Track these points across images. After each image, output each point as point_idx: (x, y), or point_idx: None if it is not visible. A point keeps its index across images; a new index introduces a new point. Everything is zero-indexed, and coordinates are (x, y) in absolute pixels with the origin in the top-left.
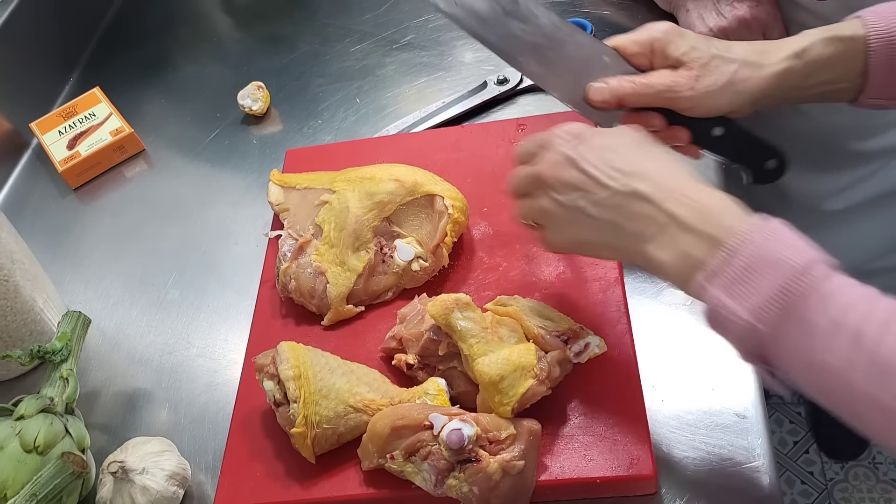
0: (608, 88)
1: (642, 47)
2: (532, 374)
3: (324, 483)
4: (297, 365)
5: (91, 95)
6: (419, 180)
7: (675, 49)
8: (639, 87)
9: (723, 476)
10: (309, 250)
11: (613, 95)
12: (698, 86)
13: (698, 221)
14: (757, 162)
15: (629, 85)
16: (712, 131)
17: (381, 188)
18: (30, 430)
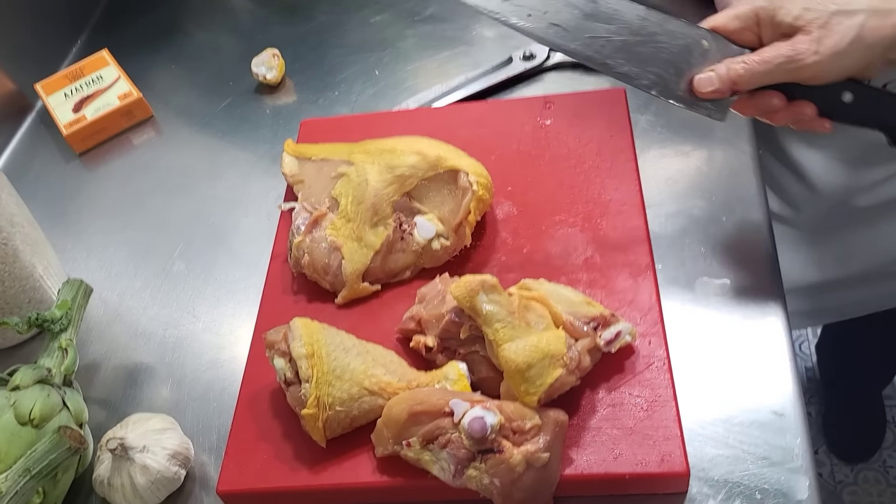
0: (717, 76)
1: (745, 21)
2: (561, 363)
3: (334, 469)
4: (310, 343)
5: (99, 58)
6: (443, 154)
7: (786, 14)
8: (753, 67)
9: (758, 476)
10: (324, 224)
11: (724, 82)
12: (823, 48)
13: None
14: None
15: (740, 66)
16: (841, 98)
17: (402, 161)
18: (25, 402)
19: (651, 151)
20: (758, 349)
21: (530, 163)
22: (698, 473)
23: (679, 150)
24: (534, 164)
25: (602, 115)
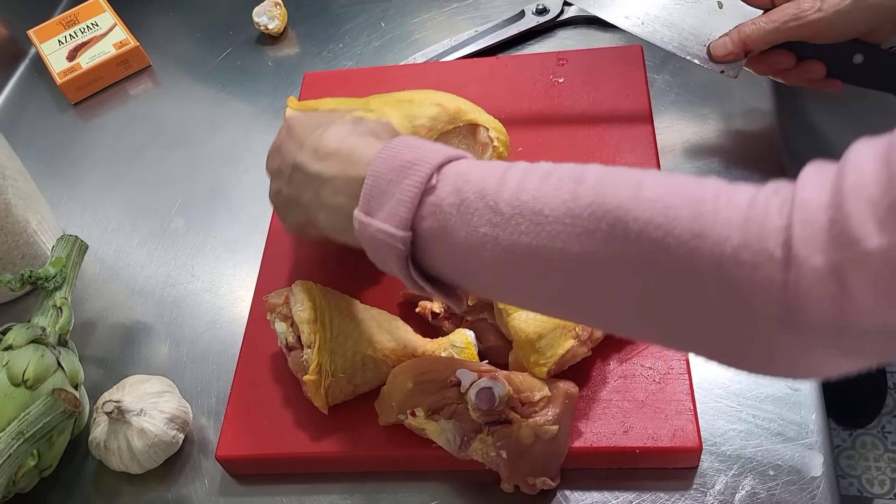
0: (730, 41)
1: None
2: (573, 333)
3: (336, 436)
4: (312, 307)
5: (94, 3)
6: (463, 108)
7: None
8: (761, 27)
9: (772, 452)
10: None
11: (737, 45)
12: (825, 6)
13: (339, 170)
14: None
15: (750, 28)
16: (853, 59)
17: (422, 112)
18: (18, 362)
19: (668, 113)
20: None
21: (542, 122)
22: (710, 448)
23: (697, 113)
24: (546, 123)
25: (617, 74)
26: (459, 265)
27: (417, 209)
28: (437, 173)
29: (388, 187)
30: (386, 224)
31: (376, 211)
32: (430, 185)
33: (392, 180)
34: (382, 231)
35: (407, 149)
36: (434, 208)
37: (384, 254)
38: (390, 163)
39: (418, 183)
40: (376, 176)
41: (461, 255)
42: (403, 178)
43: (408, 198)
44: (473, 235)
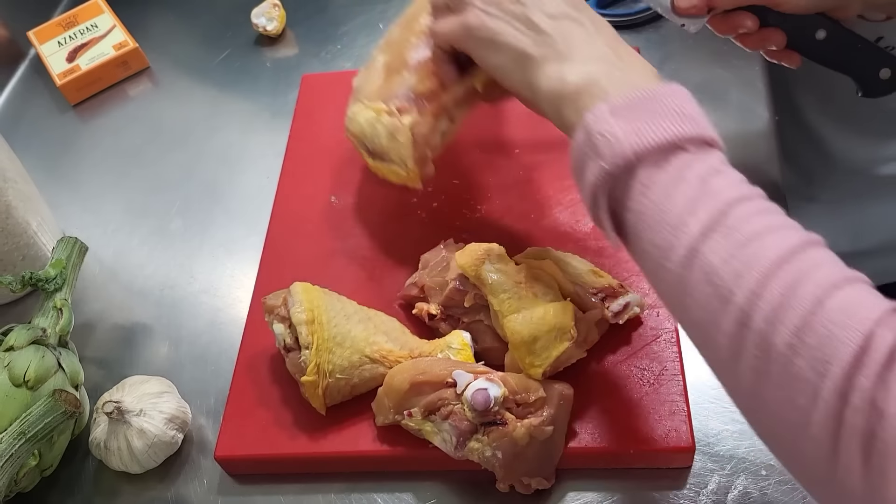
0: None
1: None
2: (568, 336)
3: (334, 436)
4: (310, 308)
5: (93, 5)
6: None
7: None
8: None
9: (764, 452)
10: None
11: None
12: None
13: (631, 58)
14: (868, 71)
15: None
16: (815, 35)
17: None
18: (19, 363)
19: None
20: None
21: (539, 124)
22: (703, 448)
23: None
24: (543, 125)
25: None
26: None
27: (658, 152)
28: (697, 145)
29: (653, 114)
30: (624, 134)
31: (624, 119)
32: (683, 148)
33: (660, 112)
34: (614, 136)
35: (689, 103)
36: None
37: (592, 157)
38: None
39: (683, 134)
40: (651, 96)
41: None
42: (676, 121)
43: (664, 134)
44: (678, 217)
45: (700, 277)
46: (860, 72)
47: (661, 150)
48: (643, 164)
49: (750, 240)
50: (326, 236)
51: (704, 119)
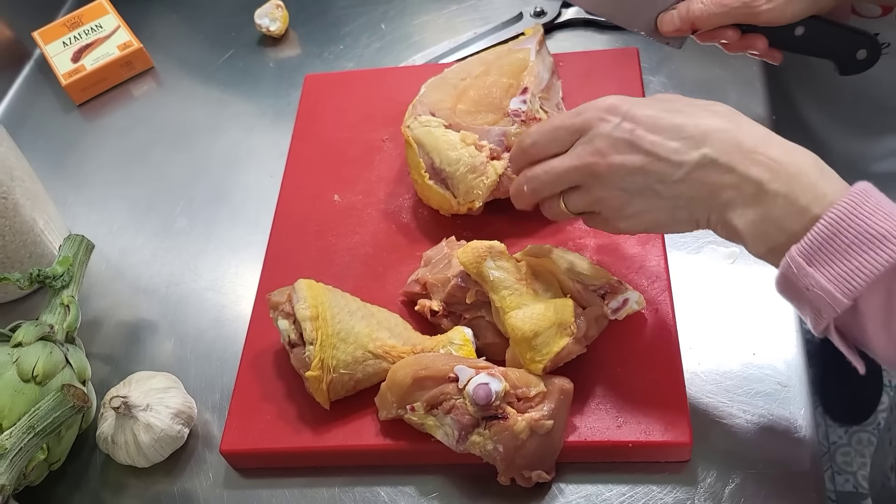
0: (678, 17)
1: None
2: (568, 331)
3: (337, 431)
4: (314, 305)
5: (98, 5)
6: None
7: None
8: (710, 9)
9: (761, 447)
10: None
11: (685, 21)
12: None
13: (785, 186)
14: (846, 53)
15: (699, 9)
16: (794, 32)
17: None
18: (28, 359)
19: None
20: (765, 319)
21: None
22: (701, 442)
23: None
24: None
25: (613, 75)
26: (889, 347)
27: (871, 285)
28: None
29: (847, 248)
30: (830, 285)
31: (823, 264)
32: (894, 267)
33: (854, 244)
34: (824, 290)
35: (880, 214)
36: (889, 293)
37: (810, 303)
38: (857, 222)
39: (886, 263)
40: (836, 228)
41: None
42: (869, 249)
43: (868, 272)
44: None
45: None
46: (839, 56)
47: (873, 284)
48: (862, 301)
49: None
50: (329, 234)
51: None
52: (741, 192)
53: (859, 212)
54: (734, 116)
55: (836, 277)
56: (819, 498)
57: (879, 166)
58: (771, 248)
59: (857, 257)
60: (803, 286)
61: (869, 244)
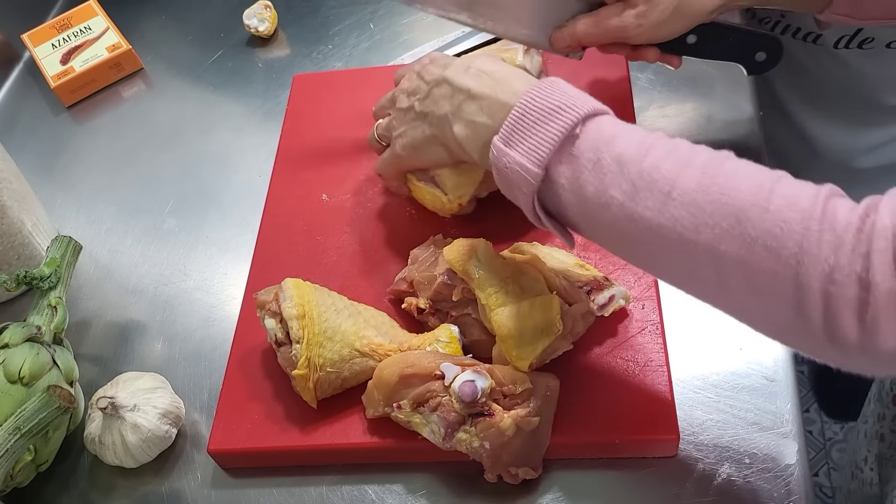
0: (567, 34)
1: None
2: (554, 329)
3: (325, 429)
4: (301, 304)
5: (87, 7)
6: None
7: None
8: (590, 29)
9: (748, 441)
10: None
11: (574, 39)
12: (647, 21)
13: (488, 88)
14: (745, 56)
15: (582, 30)
16: (686, 41)
17: None
18: (14, 360)
19: (651, 110)
20: None
21: None
22: (688, 437)
23: (679, 110)
24: None
25: (601, 73)
26: (582, 214)
27: (555, 153)
28: (582, 124)
29: (533, 125)
30: (523, 158)
31: (516, 143)
32: (572, 134)
33: (538, 119)
34: (519, 164)
35: (558, 92)
36: (571, 158)
37: (513, 184)
38: (540, 102)
39: (563, 129)
40: (524, 110)
41: (586, 206)
42: (549, 121)
43: (550, 140)
44: (602, 194)
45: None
46: (739, 59)
47: (559, 151)
48: (553, 170)
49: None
50: (318, 233)
51: (575, 98)
52: (456, 101)
53: (542, 94)
54: (484, 55)
55: (527, 151)
56: (806, 491)
57: (866, 159)
58: (483, 145)
59: (541, 130)
60: (504, 166)
61: (549, 117)
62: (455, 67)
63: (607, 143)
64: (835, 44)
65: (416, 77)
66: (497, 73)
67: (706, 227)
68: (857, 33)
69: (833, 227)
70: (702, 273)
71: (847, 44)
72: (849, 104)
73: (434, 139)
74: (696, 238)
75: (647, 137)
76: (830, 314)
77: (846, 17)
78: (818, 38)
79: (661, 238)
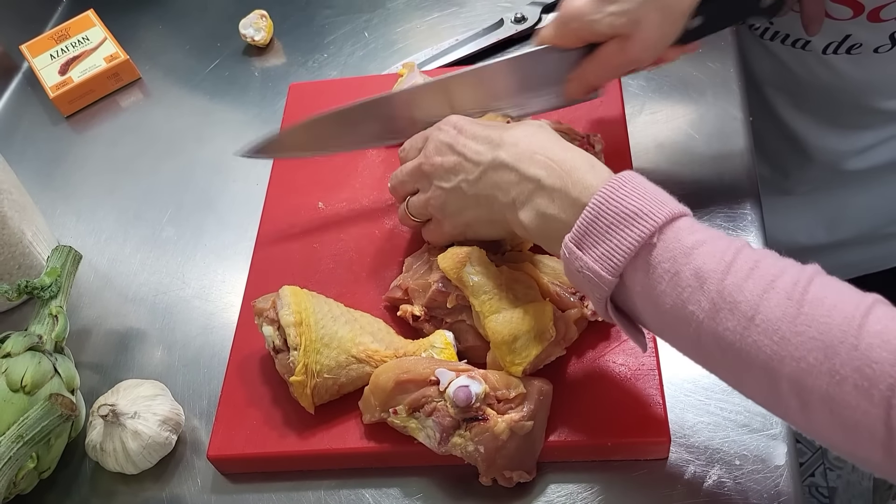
0: (579, 85)
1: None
2: (548, 335)
3: (322, 434)
4: (298, 311)
5: (85, 18)
6: None
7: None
8: (602, 72)
9: (738, 443)
10: None
11: (587, 86)
12: (651, 45)
13: (559, 181)
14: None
15: (593, 75)
16: (690, 25)
17: None
18: (16, 369)
19: (642, 116)
20: None
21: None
22: (679, 440)
23: (669, 115)
24: None
25: None
26: (658, 323)
27: (631, 261)
28: (659, 232)
29: (607, 229)
30: (596, 265)
31: (589, 247)
32: (649, 242)
33: (612, 224)
34: (591, 270)
35: (634, 195)
36: (647, 267)
37: (585, 286)
38: (614, 204)
39: (639, 238)
40: (598, 212)
41: (663, 318)
42: (625, 227)
43: (625, 249)
44: (680, 309)
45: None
46: (749, 12)
47: (635, 258)
48: (628, 277)
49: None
50: (314, 241)
51: (651, 201)
52: (523, 190)
53: (617, 195)
54: (537, 130)
55: (600, 257)
56: (796, 492)
57: (857, 161)
58: (553, 238)
59: (615, 236)
60: (576, 269)
61: (625, 223)
62: (515, 151)
63: (686, 255)
64: (823, 50)
65: (449, 150)
66: (567, 163)
67: (791, 360)
68: (844, 39)
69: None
70: (784, 399)
71: (836, 49)
72: (838, 108)
73: (495, 222)
74: (780, 368)
75: (727, 249)
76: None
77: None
78: (807, 45)
79: (742, 361)
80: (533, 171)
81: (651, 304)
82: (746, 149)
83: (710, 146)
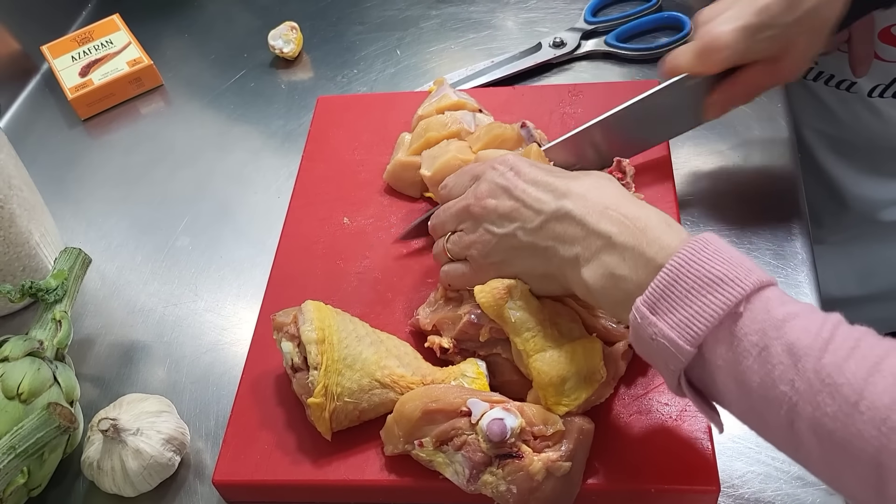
0: (718, 108)
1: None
2: (598, 376)
3: (339, 464)
4: (321, 327)
5: (109, 22)
6: None
7: (751, 52)
8: (749, 95)
9: (791, 496)
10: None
11: (726, 109)
12: (798, 62)
13: (632, 239)
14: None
15: (738, 100)
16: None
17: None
18: (14, 375)
19: (685, 148)
20: None
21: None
22: (728, 490)
23: (714, 149)
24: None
25: None
26: (741, 403)
27: (712, 331)
28: (747, 301)
29: (686, 294)
30: (672, 332)
31: (664, 313)
32: (735, 311)
33: (693, 288)
34: (667, 338)
35: (717, 258)
36: (732, 339)
37: (657, 356)
38: (695, 267)
39: (724, 306)
40: (676, 274)
41: (749, 398)
42: (707, 293)
43: (707, 317)
44: (770, 388)
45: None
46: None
47: (717, 328)
48: (708, 349)
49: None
50: (337, 257)
51: (737, 266)
52: (590, 245)
53: (698, 258)
54: (606, 182)
55: (677, 324)
56: None
57: (888, 214)
58: (620, 301)
59: (696, 302)
60: (649, 336)
61: (707, 288)
62: (584, 203)
63: (777, 328)
64: (869, 92)
65: (505, 194)
66: (641, 220)
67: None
68: (892, 82)
69: None
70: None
71: (882, 93)
72: (880, 154)
73: (550, 277)
74: (890, 462)
75: (824, 324)
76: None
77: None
78: (852, 86)
79: (842, 451)
80: (603, 226)
81: (734, 382)
82: (796, 185)
83: (757, 180)
